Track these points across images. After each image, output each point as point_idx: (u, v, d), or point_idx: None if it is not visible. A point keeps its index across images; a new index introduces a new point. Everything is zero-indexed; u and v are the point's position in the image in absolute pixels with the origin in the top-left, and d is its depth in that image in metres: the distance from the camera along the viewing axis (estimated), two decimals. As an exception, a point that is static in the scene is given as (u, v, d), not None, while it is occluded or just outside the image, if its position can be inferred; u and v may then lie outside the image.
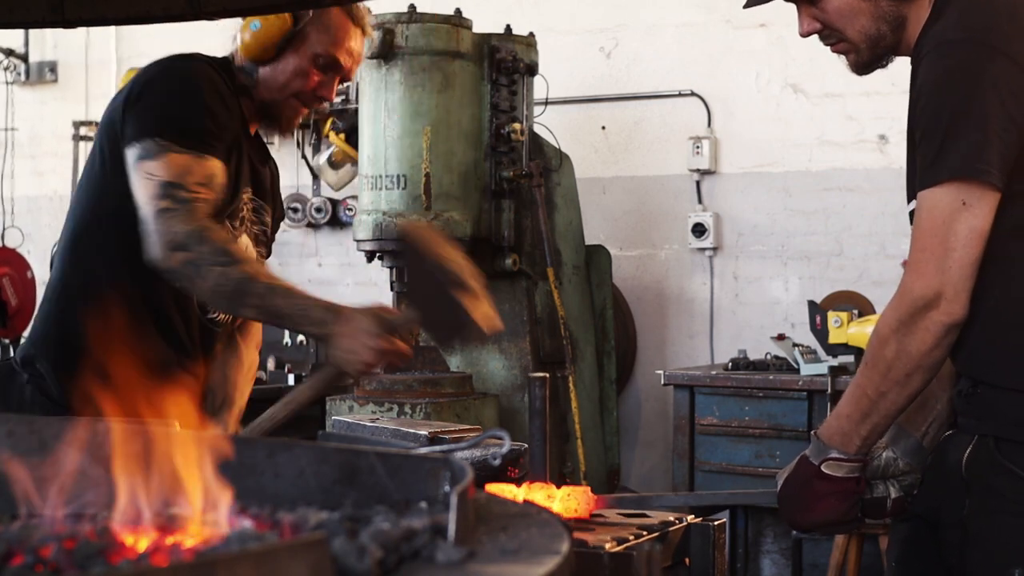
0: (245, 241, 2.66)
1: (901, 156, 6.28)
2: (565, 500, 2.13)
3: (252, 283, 2.42)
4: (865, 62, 2.30)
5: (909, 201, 2.18)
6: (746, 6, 2.36)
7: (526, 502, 1.50)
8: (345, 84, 5.57)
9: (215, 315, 2.66)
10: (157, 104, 2.52)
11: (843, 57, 2.33)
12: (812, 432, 2.21)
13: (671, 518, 2.21)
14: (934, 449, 2.23)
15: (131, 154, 2.49)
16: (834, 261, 5.77)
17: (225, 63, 2.67)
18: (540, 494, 2.10)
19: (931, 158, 2.06)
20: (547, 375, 2.25)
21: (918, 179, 2.09)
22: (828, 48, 2.33)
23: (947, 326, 2.03)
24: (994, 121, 2.01)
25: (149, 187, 2.45)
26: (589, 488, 2.19)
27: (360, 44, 2.70)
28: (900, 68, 2.39)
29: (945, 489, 2.15)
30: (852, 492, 2.17)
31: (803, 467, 2.18)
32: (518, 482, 2.19)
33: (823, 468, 2.14)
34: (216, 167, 2.50)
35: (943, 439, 2.22)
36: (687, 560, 2.18)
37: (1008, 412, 2.06)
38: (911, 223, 2.16)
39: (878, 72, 2.39)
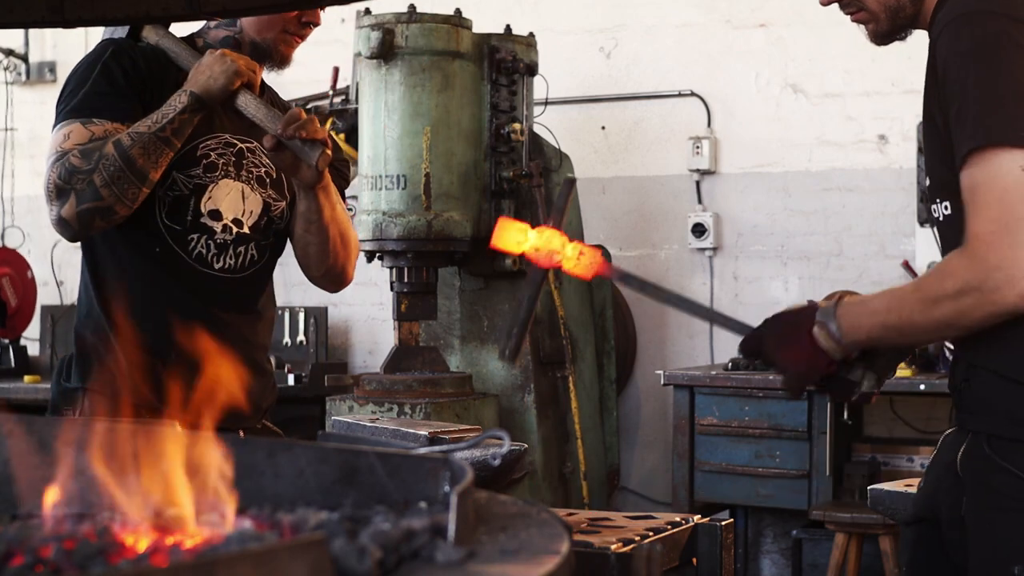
0: (231, 186, 2.68)
1: (901, 156, 6.28)
2: (575, 257, 2.12)
3: (121, 144, 2.50)
4: (884, 32, 2.26)
5: (931, 196, 2.14)
6: None
7: (526, 502, 1.50)
8: (346, 85, 5.59)
9: (220, 265, 2.68)
10: (56, 104, 2.64)
11: (863, 27, 2.29)
12: (839, 296, 2.15)
13: (678, 518, 2.21)
14: (935, 448, 2.23)
15: None
16: (834, 261, 5.77)
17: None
18: (554, 238, 2.10)
19: (972, 131, 1.97)
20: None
21: (956, 155, 2.00)
22: (827, 49, 2.32)
23: (1019, 307, 1.94)
24: None
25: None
26: (600, 250, 2.17)
27: None
28: (901, 68, 2.39)
29: (943, 488, 2.15)
30: (819, 367, 2.11)
31: (805, 313, 2.13)
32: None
33: (815, 329, 2.10)
34: (103, 127, 2.55)
35: (942, 438, 2.22)
36: (694, 560, 2.19)
37: (1001, 406, 2.04)
38: (932, 199, 2.11)
39: (878, 72, 2.38)
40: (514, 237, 2.14)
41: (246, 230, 2.70)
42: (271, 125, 2.55)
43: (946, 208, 2.10)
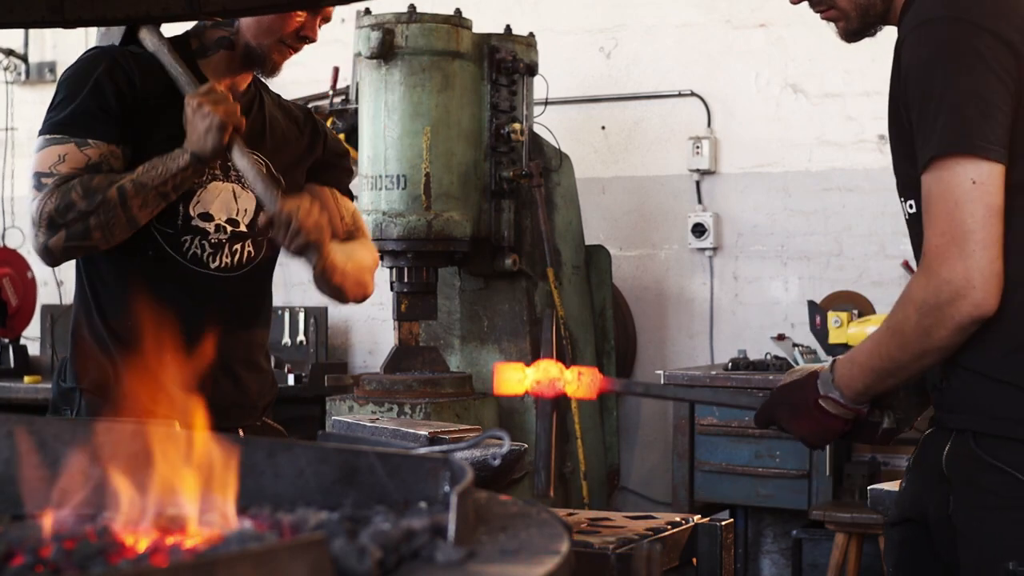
0: (221, 187, 2.68)
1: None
2: (575, 380, 2.16)
3: (124, 191, 2.52)
4: (854, 30, 2.28)
5: (900, 194, 2.17)
6: None
7: (526, 502, 1.50)
8: (346, 85, 5.59)
9: (216, 264, 2.68)
10: (48, 109, 2.64)
11: (833, 25, 2.30)
12: (833, 360, 2.20)
13: (678, 518, 2.21)
14: (915, 448, 2.24)
15: None
16: (834, 261, 5.77)
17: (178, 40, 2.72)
18: (551, 368, 2.12)
19: (930, 138, 2.02)
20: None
21: (918, 160, 2.05)
22: (827, 49, 2.33)
23: (975, 319, 1.99)
24: (988, 96, 1.99)
25: (29, 184, 2.61)
26: (597, 369, 2.22)
27: None
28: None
29: (929, 487, 2.15)
30: (837, 432, 2.19)
31: (808, 387, 2.18)
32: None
33: (821, 402, 2.16)
34: (99, 150, 2.56)
35: (923, 437, 2.22)
36: (694, 560, 2.19)
37: (985, 405, 2.05)
38: (901, 197, 2.16)
39: (878, 72, 2.38)
40: (513, 378, 2.19)
41: (243, 228, 2.70)
42: (268, 202, 2.55)
43: (910, 207, 2.17)
